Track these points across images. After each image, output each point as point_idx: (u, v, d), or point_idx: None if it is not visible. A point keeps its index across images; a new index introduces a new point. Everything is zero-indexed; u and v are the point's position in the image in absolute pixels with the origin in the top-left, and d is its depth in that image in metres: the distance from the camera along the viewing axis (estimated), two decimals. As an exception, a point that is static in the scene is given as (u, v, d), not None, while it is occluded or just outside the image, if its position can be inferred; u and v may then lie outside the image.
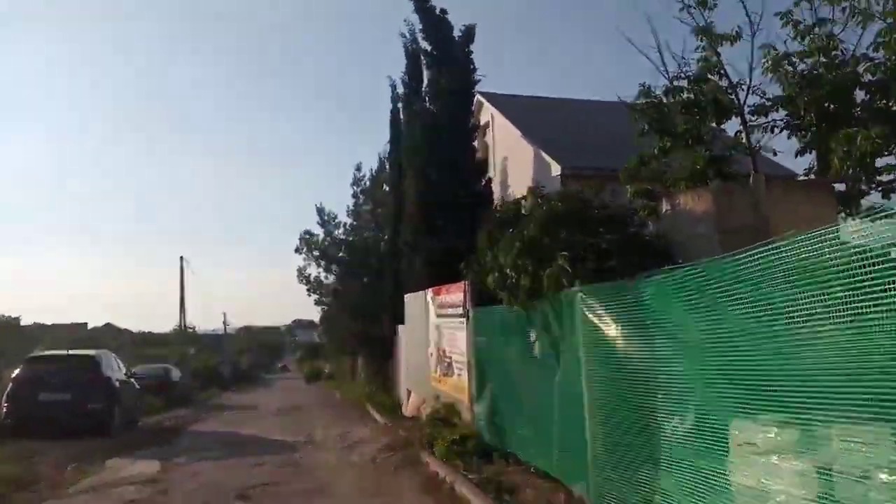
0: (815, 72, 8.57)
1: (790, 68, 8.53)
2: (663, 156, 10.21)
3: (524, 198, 9.48)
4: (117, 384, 15.24)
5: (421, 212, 15.39)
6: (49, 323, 62.13)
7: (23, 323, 56.24)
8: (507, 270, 7.49)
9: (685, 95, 9.85)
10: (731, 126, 10.13)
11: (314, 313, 42.57)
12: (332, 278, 27.47)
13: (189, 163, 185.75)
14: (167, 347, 45.30)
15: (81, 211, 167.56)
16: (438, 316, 11.00)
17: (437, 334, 11.20)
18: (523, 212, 8.37)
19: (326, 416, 18.32)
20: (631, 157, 10.38)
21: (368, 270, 24.98)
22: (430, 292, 11.76)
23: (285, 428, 15.73)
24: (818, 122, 8.68)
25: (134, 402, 16.88)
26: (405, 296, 15.14)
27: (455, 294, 9.83)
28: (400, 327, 16.68)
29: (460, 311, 9.52)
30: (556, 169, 15.41)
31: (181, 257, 39.29)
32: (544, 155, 16.32)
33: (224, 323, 67.34)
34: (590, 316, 5.51)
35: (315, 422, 16.80)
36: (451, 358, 10.20)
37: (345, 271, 25.72)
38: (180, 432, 15.98)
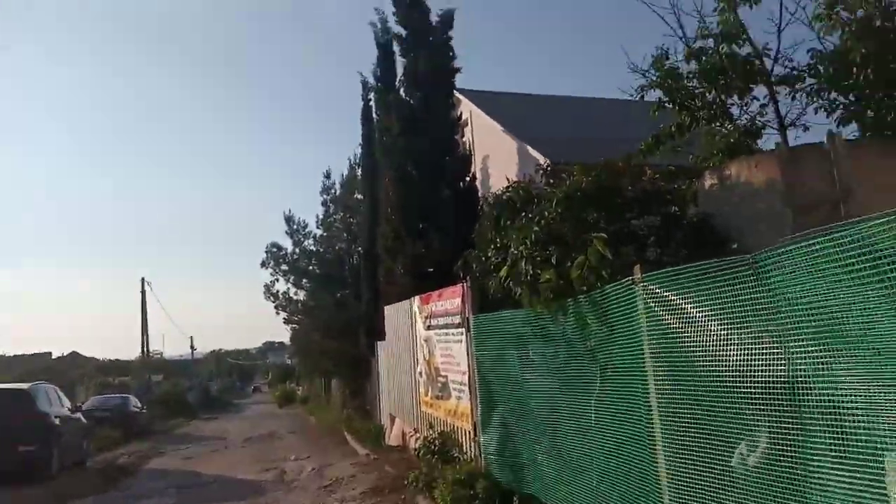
0: (872, 20, 7.23)
1: (846, 14, 7.16)
2: (681, 135, 8.85)
3: (528, 181, 7.98)
4: (57, 421, 13.23)
5: (400, 214, 13.78)
6: (11, 354, 59.06)
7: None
8: (523, 263, 5.93)
9: (708, 60, 8.50)
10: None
11: (285, 335, 40.26)
12: (302, 294, 25.54)
13: (152, 182, 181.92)
14: (132, 375, 42.78)
15: (41, 232, 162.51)
16: (428, 328, 9.36)
17: (426, 350, 9.55)
18: (533, 192, 6.86)
19: (300, 446, 16.49)
20: (644, 141, 8.98)
21: (342, 284, 23.22)
22: (416, 301, 10.13)
23: (254, 462, 13.93)
24: (876, 78, 7.31)
25: (79, 441, 14.84)
26: (385, 308, 13.48)
27: (450, 299, 8.22)
28: (379, 344, 14.97)
29: (457, 319, 7.90)
30: (543, 161, 13.97)
31: (142, 279, 36.89)
32: (531, 150, 14.89)
33: (191, 347, 64.51)
34: (660, 312, 3.97)
35: (287, 453, 14.99)
36: (445, 377, 8.55)
37: (316, 285, 23.86)
38: (133, 472, 14.00)
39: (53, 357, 65.86)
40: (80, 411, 15.98)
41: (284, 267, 25.32)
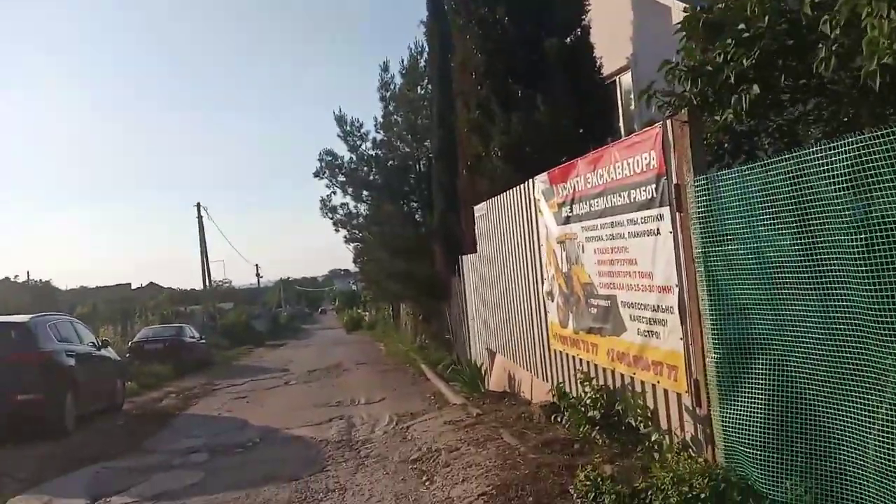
0: None
1: None
2: None
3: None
4: (71, 361, 10.59)
5: (491, 78, 10.05)
6: (92, 286, 60.10)
7: (59, 286, 53.30)
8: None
9: None
10: None
11: (349, 261, 37.70)
12: (363, 207, 22.32)
13: (202, 116, 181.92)
14: (203, 304, 41.97)
15: (105, 172, 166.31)
16: (567, 220, 5.83)
17: (561, 256, 6.06)
18: None
19: (371, 383, 13.69)
20: None
21: (408, 194, 19.87)
22: (539, 182, 6.56)
23: (315, 406, 11.26)
24: None
25: (109, 384, 12.34)
26: (475, 209, 10.00)
27: (624, 161, 4.59)
28: (466, 259, 11.62)
29: (646, 192, 4.31)
30: (678, 12, 9.77)
31: (198, 204, 34.68)
32: (658, -3, 10.71)
33: (257, 275, 63.86)
34: None
35: (356, 393, 12.20)
36: (609, 298, 5.06)
37: (378, 197, 20.54)
38: (169, 421, 11.42)
39: (133, 288, 67.19)
40: (107, 346, 13.38)
41: (341, 178, 22.04)
